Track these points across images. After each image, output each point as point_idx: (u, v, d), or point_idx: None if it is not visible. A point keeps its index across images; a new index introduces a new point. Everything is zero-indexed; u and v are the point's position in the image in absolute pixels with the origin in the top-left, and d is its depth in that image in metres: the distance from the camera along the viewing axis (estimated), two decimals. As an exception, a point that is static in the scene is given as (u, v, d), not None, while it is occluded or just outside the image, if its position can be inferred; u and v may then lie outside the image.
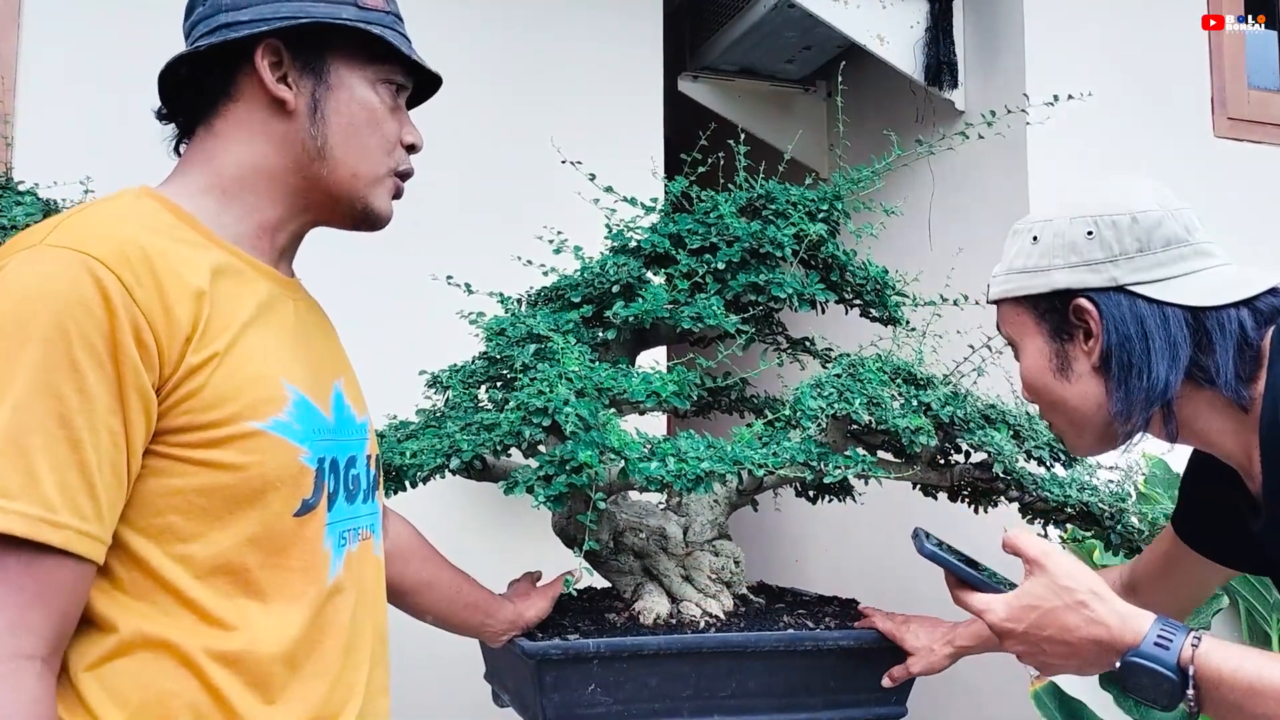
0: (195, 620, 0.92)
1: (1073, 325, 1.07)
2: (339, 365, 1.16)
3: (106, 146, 2.04)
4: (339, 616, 1.03)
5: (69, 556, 0.84)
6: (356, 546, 1.08)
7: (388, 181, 1.10)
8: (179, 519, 0.91)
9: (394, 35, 1.07)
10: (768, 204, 1.65)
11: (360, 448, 1.12)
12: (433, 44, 2.40)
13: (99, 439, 0.85)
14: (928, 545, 1.11)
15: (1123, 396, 1.04)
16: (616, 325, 1.62)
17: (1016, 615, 1.00)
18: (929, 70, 2.54)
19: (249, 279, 1.02)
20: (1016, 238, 1.13)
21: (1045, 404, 1.13)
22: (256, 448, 0.94)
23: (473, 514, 2.32)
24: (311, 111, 1.03)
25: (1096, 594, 0.97)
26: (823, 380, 1.51)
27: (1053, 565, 0.99)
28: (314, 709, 0.99)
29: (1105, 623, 0.96)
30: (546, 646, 1.39)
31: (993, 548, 2.01)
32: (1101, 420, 1.08)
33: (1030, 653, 1.01)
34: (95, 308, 0.85)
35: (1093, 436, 1.11)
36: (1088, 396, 1.08)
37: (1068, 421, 1.12)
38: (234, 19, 1.01)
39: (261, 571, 0.96)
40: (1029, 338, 1.12)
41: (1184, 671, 0.91)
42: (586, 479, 1.31)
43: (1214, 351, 1.01)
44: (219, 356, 0.93)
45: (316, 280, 1.40)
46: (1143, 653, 0.93)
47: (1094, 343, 1.06)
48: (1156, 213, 1.05)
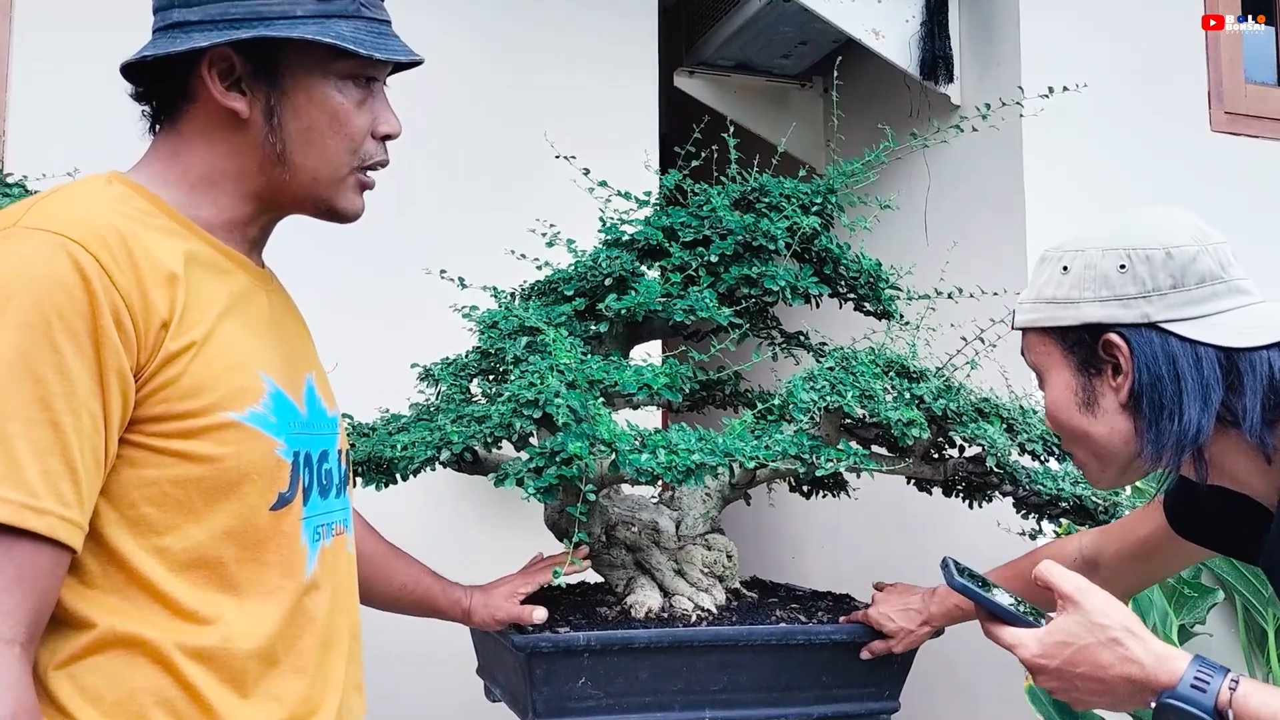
0: (169, 615, 0.91)
1: (1102, 360, 1.05)
2: (310, 358, 1.14)
3: (95, 139, 2.03)
4: (316, 612, 1.02)
5: (48, 542, 0.83)
6: (330, 542, 1.07)
7: (351, 179, 1.06)
8: (154, 510, 0.90)
9: (355, 28, 1.00)
10: (761, 197, 1.65)
11: (332, 442, 1.11)
12: (427, 37, 2.39)
13: (80, 423, 0.84)
14: (958, 579, 1.08)
15: (1154, 439, 1.02)
16: (609, 318, 1.61)
17: (1049, 652, 0.99)
18: (925, 65, 2.53)
19: (223, 268, 1.00)
20: (1046, 265, 1.10)
21: (1068, 437, 1.10)
22: (233, 439, 0.93)
23: (467, 509, 2.31)
24: (267, 118, 0.99)
25: (1131, 631, 0.96)
26: (815, 373, 1.51)
27: (1087, 602, 0.98)
28: (292, 705, 0.98)
29: (1140, 661, 0.94)
30: (536, 639, 1.38)
31: (986, 543, 2.01)
32: (1127, 456, 1.05)
33: (1063, 688, 1.00)
34: (75, 290, 0.84)
35: (1116, 471, 1.08)
36: (1115, 433, 1.05)
37: (1091, 455, 1.09)
38: (184, 18, 0.98)
39: (237, 566, 0.95)
40: (1055, 369, 1.09)
41: (1222, 715, 0.90)
42: (577, 471, 1.30)
43: (1244, 394, 0.98)
44: (197, 345, 0.92)
45: (307, 273, 1.40)
46: (1180, 694, 0.91)
47: (1123, 379, 1.03)
48: (1192, 248, 1.01)
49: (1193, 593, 2.07)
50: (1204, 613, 2.12)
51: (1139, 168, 2.48)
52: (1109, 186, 2.44)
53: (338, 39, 0.98)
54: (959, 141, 2.43)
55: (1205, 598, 2.08)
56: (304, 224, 1.14)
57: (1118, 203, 2.44)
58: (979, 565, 1.18)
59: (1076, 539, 1.41)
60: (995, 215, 2.39)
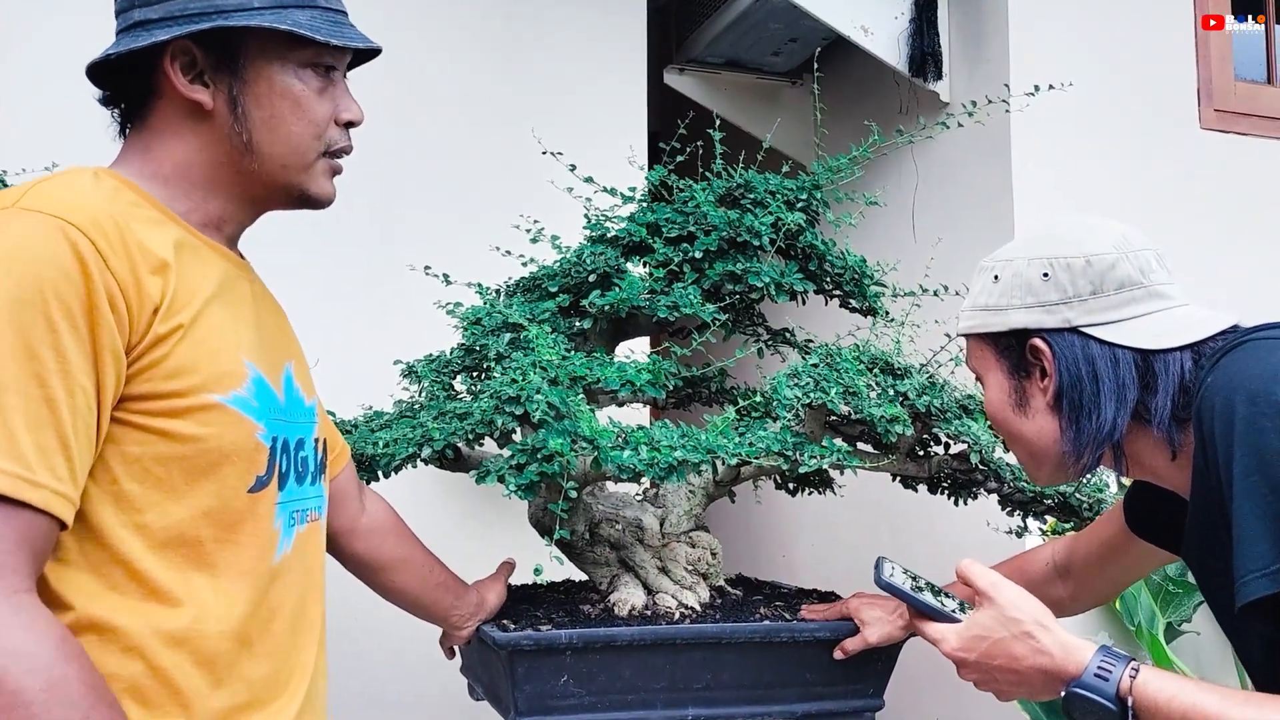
0: (143, 596, 0.92)
1: (1029, 364, 1.11)
2: (290, 347, 1.17)
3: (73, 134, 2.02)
4: (287, 596, 1.05)
5: (42, 515, 0.85)
6: (305, 528, 1.10)
7: (319, 164, 1.09)
8: (135, 486, 0.92)
9: (311, 17, 1.03)
10: (746, 193, 1.64)
11: (309, 430, 1.13)
12: (414, 34, 2.39)
13: (74, 400, 0.86)
14: (883, 577, 1.16)
15: (1073, 436, 1.08)
16: (593, 314, 1.61)
17: (968, 645, 1.06)
18: (913, 62, 2.53)
19: (206, 256, 1.03)
20: (981, 275, 1.17)
21: (1006, 436, 1.18)
22: (215, 420, 0.96)
23: (451, 506, 2.31)
24: (232, 108, 1.02)
25: (1042, 624, 1.02)
26: (799, 370, 1.50)
27: (1000, 596, 1.04)
28: (261, 689, 1.00)
29: (1050, 652, 1.01)
30: (518, 637, 1.37)
31: (973, 540, 2.00)
32: (1056, 454, 1.12)
33: (983, 680, 1.07)
34: (72, 271, 0.86)
35: (1050, 468, 1.14)
36: (1043, 432, 1.11)
37: (1027, 454, 1.16)
38: (145, 16, 1.00)
39: (214, 545, 0.97)
40: (990, 372, 1.15)
41: (1123, 701, 0.96)
42: (558, 468, 1.30)
43: (1156, 393, 1.04)
44: (184, 328, 0.94)
45: (291, 269, 1.39)
46: (1084, 683, 0.97)
47: (1049, 381, 1.09)
48: (1110, 255, 1.07)
49: (1179, 590, 2.07)
50: (1190, 611, 2.12)
51: (1128, 165, 2.48)
52: (1098, 184, 2.44)
53: (294, 26, 1.01)
54: (948, 139, 2.43)
55: (1191, 596, 2.08)
56: (287, 220, 1.15)
57: (1106, 200, 2.44)
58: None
59: (1050, 547, 1.44)
60: (983, 212, 2.39)
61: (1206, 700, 0.93)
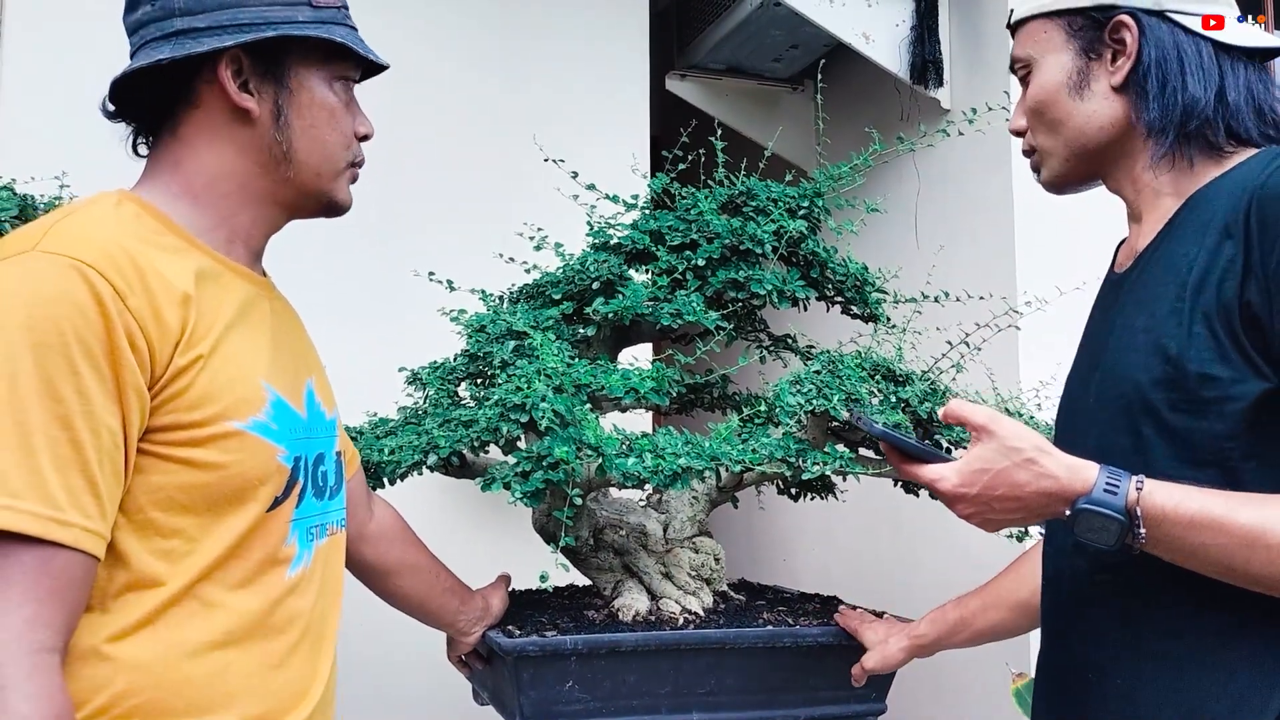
0: (162, 615, 0.94)
1: (1104, 44, 1.11)
2: (311, 363, 1.18)
3: (83, 142, 2.03)
4: (302, 607, 1.06)
5: (77, 553, 0.87)
6: (325, 541, 1.11)
7: (347, 173, 1.12)
8: (160, 515, 0.94)
9: (345, 32, 1.07)
10: (748, 201, 1.65)
11: (329, 445, 1.15)
12: (417, 41, 2.40)
13: (100, 439, 0.88)
14: (877, 426, 1.12)
15: (1160, 110, 1.08)
16: (596, 322, 1.62)
17: (969, 480, 1.03)
18: (914, 69, 2.54)
19: (227, 281, 1.04)
20: None
21: (1046, 122, 1.16)
22: (236, 447, 0.97)
23: (456, 513, 2.31)
24: (275, 117, 1.05)
25: (1042, 449, 1.01)
26: (801, 377, 1.51)
27: (999, 429, 1.02)
28: (280, 699, 1.02)
29: (1055, 475, 1.00)
30: (524, 643, 1.38)
31: (977, 545, 2.01)
32: (1096, 144, 1.13)
33: (979, 513, 1.05)
34: (91, 313, 0.88)
35: (1077, 161, 1.16)
36: (1095, 115, 1.12)
37: (1061, 143, 1.16)
38: (190, 25, 1.01)
39: (233, 563, 0.99)
40: (1052, 54, 1.14)
41: (1131, 513, 0.96)
42: (563, 475, 1.31)
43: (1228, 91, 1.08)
44: (204, 359, 0.96)
45: (299, 277, 1.40)
46: (1094, 499, 0.97)
47: (1124, 61, 1.10)
48: None
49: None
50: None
51: None
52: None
53: (344, 39, 1.05)
54: (949, 146, 2.44)
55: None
56: (291, 227, 1.16)
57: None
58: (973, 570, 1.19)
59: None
60: (984, 219, 2.40)
61: (1212, 504, 0.94)
